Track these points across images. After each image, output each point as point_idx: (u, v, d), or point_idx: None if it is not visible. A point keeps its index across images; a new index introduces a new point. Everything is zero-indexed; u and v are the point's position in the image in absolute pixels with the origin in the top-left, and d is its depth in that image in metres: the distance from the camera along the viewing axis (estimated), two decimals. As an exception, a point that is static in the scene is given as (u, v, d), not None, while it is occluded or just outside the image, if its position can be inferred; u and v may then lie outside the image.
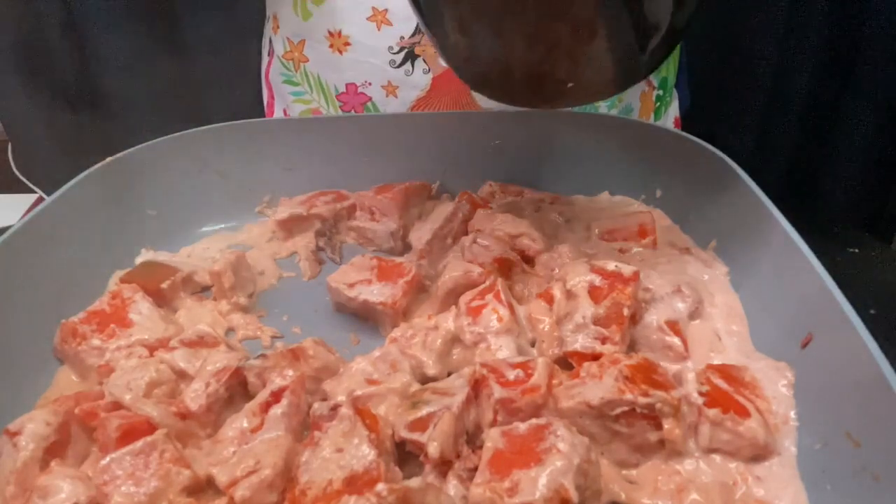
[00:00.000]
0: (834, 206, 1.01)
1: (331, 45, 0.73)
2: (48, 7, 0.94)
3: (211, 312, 0.58)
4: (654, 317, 0.52)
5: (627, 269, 0.53)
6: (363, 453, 0.40)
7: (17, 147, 1.06)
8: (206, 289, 0.62)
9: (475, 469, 0.40)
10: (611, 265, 0.53)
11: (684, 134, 0.65)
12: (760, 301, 0.53)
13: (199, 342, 0.51)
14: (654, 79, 0.81)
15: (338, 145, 0.71)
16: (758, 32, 0.95)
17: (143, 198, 0.67)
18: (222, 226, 0.71)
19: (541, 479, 0.37)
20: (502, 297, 0.53)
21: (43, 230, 0.57)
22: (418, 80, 0.72)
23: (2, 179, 1.08)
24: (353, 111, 0.75)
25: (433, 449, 0.41)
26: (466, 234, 0.64)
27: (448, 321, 0.53)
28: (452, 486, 0.41)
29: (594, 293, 0.51)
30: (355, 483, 0.39)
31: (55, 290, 0.57)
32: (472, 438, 0.44)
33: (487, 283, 0.55)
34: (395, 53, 0.71)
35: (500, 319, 0.52)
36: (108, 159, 0.65)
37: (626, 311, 0.50)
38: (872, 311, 0.52)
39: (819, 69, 0.94)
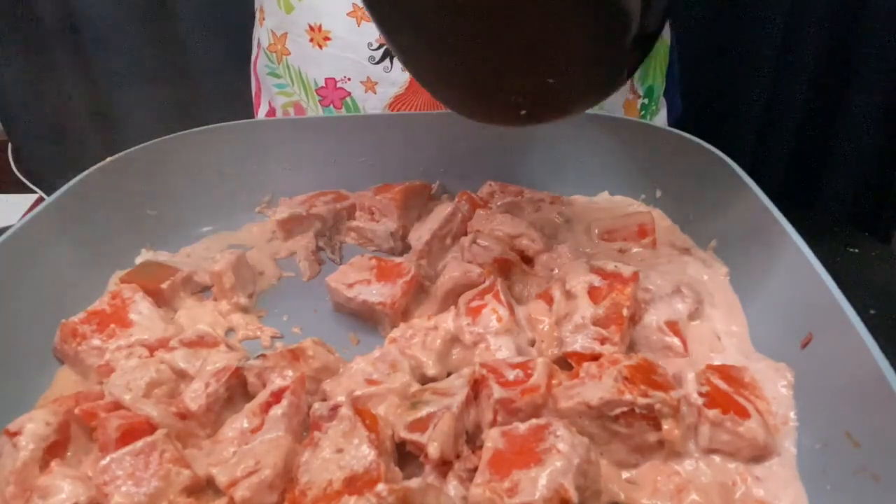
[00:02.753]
0: (834, 206, 1.01)
1: (311, 39, 0.73)
2: (49, 9, 0.94)
3: (211, 312, 0.58)
4: (653, 317, 0.52)
5: (627, 270, 0.53)
6: (363, 453, 0.40)
7: (17, 147, 1.06)
8: (206, 289, 0.62)
9: (475, 469, 0.40)
10: (610, 265, 0.53)
11: (684, 134, 0.64)
12: (760, 301, 0.53)
13: (199, 342, 0.51)
14: (640, 87, 0.80)
15: (338, 145, 0.71)
16: (758, 32, 0.95)
17: (143, 198, 0.67)
18: (222, 226, 0.71)
19: (541, 480, 0.37)
20: (502, 297, 0.53)
21: (43, 230, 0.57)
22: (397, 77, 0.72)
23: (2, 179, 1.08)
24: (331, 106, 0.75)
25: (433, 449, 0.41)
26: (466, 234, 0.63)
27: (447, 321, 0.53)
28: (452, 487, 0.41)
29: (594, 293, 0.51)
30: (355, 483, 0.39)
31: (55, 290, 0.57)
32: (472, 438, 0.44)
33: (487, 283, 0.55)
34: (374, 50, 0.71)
35: (499, 320, 0.52)
36: (108, 159, 0.64)
37: (625, 312, 0.50)
38: (872, 311, 0.52)
39: (818, 69, 0.94)
